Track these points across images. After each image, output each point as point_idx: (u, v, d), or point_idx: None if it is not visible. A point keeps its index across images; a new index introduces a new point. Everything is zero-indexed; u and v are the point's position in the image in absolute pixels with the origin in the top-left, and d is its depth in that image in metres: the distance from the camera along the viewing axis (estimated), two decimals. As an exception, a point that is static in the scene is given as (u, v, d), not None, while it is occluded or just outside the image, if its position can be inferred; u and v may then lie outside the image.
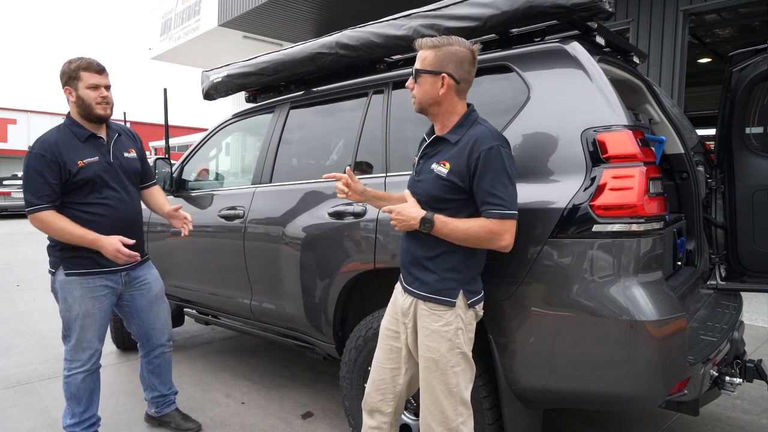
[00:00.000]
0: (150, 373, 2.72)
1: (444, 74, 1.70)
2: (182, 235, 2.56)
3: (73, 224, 2.25)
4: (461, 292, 1.72)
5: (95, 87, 2.29)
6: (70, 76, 2.29)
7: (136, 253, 2.33)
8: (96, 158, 2.33)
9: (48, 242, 2.38)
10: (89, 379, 2.40)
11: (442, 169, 1.71)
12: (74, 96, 2.30)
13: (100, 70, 2.32)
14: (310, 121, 2.99)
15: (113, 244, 2.25)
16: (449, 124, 1.76)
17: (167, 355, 2.74)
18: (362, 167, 2.55)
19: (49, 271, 2.39)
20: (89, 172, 2.29)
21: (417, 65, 1.75)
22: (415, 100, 1.78)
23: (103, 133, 2.41)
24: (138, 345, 2.72)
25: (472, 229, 1.65)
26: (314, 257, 2.56)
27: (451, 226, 1.67)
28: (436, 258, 1.74)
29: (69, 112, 2.38)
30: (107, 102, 2.33)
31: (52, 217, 2.23)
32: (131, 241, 2.31)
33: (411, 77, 1.77)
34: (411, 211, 1.73)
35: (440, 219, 1.68)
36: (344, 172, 1.88)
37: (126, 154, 2.47)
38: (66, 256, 2.31)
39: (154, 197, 2.71)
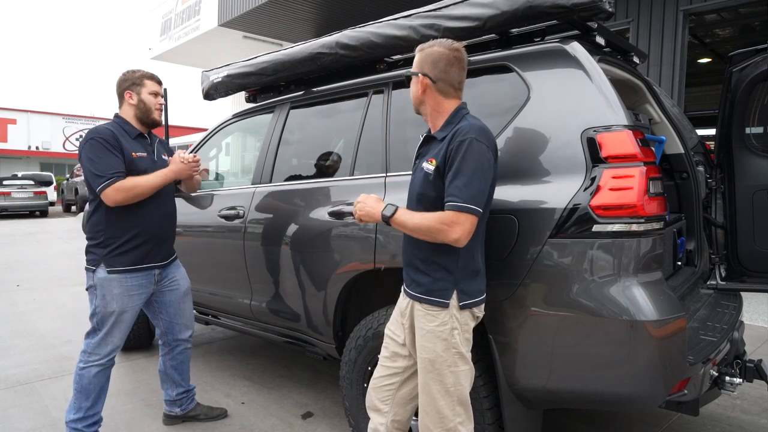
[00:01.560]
0: (173, 369, 2.79)
1: (420, 74, 1.76)
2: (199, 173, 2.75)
3: (147, 176, 2.43)
4: (454, 292, 1.71)
5: (156, 94, 2.57)
6: (134, 82, 2.54)
7: (196, 159, 2.61)
8: (145, 154, 2.53)
9: (88, 241, 2.47)
10: (102, 374, 2.47)
11: (429, 166, 1.73)
12: (135, 99, 2.53)
13: (160, 82, 2.62)
14: (310, 121, 2.99)
15: (176, 162, 2.55)
16: (438, 123, 1.78)
17: (189, 351, 2.83)
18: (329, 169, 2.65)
19: (87, 269, 2.47)
20: (141, 165, 2.46)
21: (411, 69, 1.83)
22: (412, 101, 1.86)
23: (147, 135, 2.62)
24: (160, 342, 2.80)
25: (425, 219, 1.66)
26: (314, 257, 2.56)
27: (408, 215, 1.71)
28: (427, 259, 1.74)
29: (117, 114, 2.57)
30: (161, 110, 2.63)
31: (131, 181, 2.38)
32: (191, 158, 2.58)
33: None
34: (373, 203, 1.80)
35: (401, 209, 1.74)
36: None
37: (163, 157, 2.67)
38: (109, 254, 2.42)
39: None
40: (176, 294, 2.69)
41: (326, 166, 2.84)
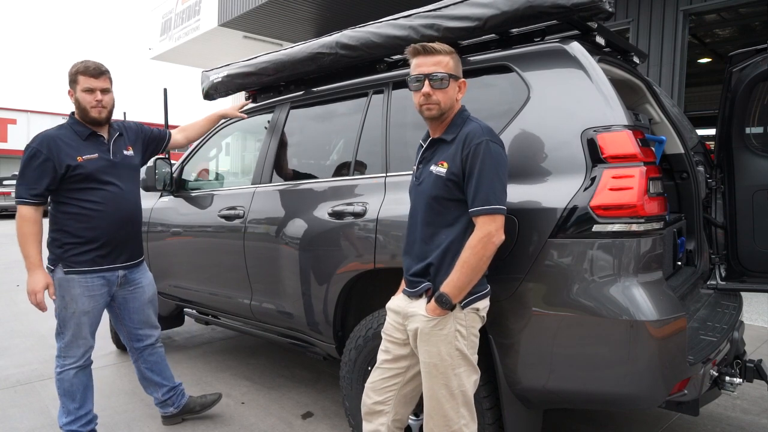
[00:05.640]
0: (149, 371, 2.72)
1: (461, 80, 1.78)
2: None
3: (35, 239, 2.31)
4: None
5: (90, 90, 2.33)
6: (71, 79, 2.36)
7: (44, 305, 2.34)
8: (95, 155, 2.37)
9: (48, 238, 2.39)
10: (81, 374, 2.44)
11: (441, 169, 1.72)
12: (73, 98, 2.37)
13: (96, 74, 2.33)
14: (310, 121, 2.99)
15: (36, 283, 2.29)
16: (445, 126, 1.78)
17: (160, 350, 2.74)
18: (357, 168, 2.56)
19: (47, 268, 2.39)
20: (88, 168, 2.33)
21: (440, 69, 1.71)
22: (435, 105, 1.73)
23: (104, 132, 2.46)
24: (128, 349, 2.71)
25: (467, 257, 1.63)
26: (314, 257, 2.56)
27: (453, 279, 1.66)
28: (428, 262, 1.74)
29: (73, 112, 2.44)
30: (102, 105, 2.36)
31: (27, 213, 2.29)
32: (51, 296, 2.35)
33: (428, 81, 1.71)
34: (425, 311, 1.72)
35: (445, 286, 1.67)
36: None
37: (125, 152, 2.52)
38: (67, 254, 2.34)
39: (188, 128, 2.95)
40: (140, 301, 2.58)
41: (326, 166, 2.84)
